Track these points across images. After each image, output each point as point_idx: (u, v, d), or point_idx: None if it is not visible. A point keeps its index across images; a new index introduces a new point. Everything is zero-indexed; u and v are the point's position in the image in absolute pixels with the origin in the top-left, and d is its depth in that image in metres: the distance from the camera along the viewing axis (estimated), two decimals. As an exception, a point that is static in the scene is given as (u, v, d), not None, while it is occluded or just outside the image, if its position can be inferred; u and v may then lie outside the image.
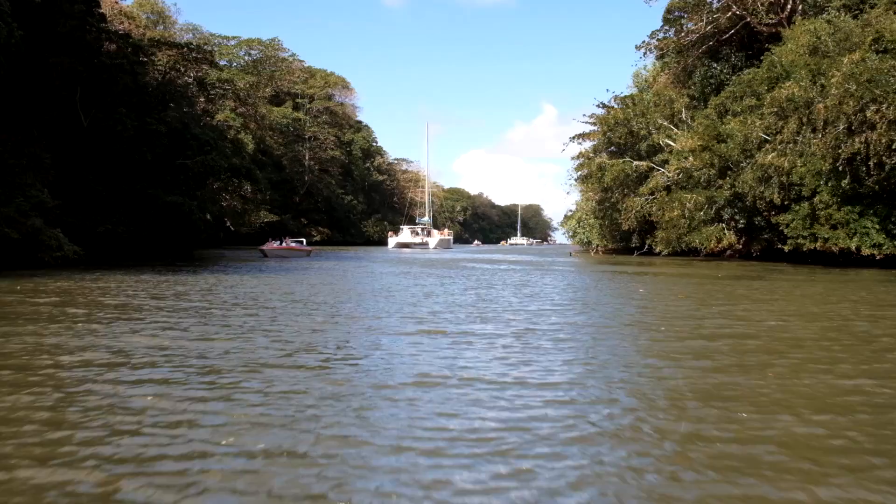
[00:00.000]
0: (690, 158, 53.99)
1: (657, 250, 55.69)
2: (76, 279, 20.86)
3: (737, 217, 49.95)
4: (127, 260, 35.25)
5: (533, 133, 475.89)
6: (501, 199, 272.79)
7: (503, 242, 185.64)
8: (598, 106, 67.15)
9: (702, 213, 51.33)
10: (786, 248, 44.23)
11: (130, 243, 38.99)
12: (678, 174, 56.43)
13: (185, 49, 51.54)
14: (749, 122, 46.35)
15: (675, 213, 51.67)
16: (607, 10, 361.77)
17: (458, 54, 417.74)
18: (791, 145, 43.41)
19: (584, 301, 16.40)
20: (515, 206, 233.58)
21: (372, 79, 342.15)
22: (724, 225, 50.81)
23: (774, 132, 45.11)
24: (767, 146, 45.22)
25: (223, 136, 52.60)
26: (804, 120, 43.17)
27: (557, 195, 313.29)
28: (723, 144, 49.67)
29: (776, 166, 43.44)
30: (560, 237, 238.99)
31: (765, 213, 47.02)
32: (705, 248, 51.32)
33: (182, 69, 51.83)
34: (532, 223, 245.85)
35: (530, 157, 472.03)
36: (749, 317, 13.12)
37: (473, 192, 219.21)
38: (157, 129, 38.63)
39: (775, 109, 44.66)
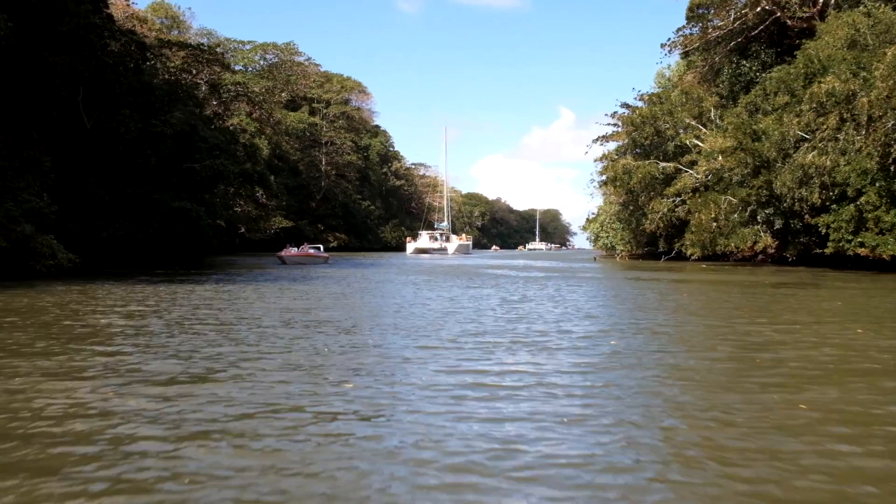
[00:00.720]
0: (720, 158, 51.05)
1: (689, 254, 52.47)
2: (54, 292, 18.31)
3: (772, 219, 46.77)
4: (129, 268, 32.80)
5: (550, 137, 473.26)
6: (519, 203, 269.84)
7: (520, 247, 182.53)
8: (621, 106, 64.31)
9: (736, 214, 48.23)
10: (827, 252, 41.13)
11: (135, 250, 36.67)
12: (707, 175, 53.41)
13: (197, 50, 49.24)
14: (787, 119, 43.26)
15: (709, 216, 48.55)
16: (625, 13, 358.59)
17: (474, 59, 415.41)
18: (832, 143, 40.42)
19: (639, 321, 13.55)
20: (534, 210, 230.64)
21: (388, 84, 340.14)
22: (759, 227, 47.64)
23: (813, 129, 42.13)
24: (806, 145, 42.22)
25: (235, 140, 50.18)
26: (846, 115, 40.21)
27: (575, 200, 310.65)
28: (757, 143, 46.57)
29: (817, 165, 40.44)
30: (579, 242, 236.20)
31: (804, 216, 43.90)
32: (740, 251, 48.13)
33: (194, 71, 49.59)
34: (550, 228, 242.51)
35: (548, 161, 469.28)
36: (877, 343, 10.29)
37: (491, 197, 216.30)
38: (162, 131, 36.24)
39: (814, 105, 41.65)
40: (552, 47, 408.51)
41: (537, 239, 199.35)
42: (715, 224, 50.03)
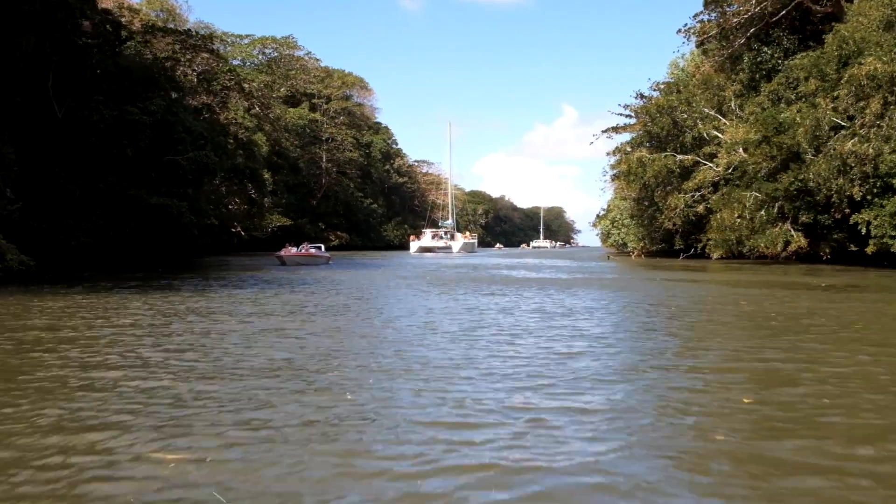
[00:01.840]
0: (740, 151, 46.98)
1: (713, 255, 48.20)
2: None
3: (802, 215, 42.57)
4: (98, 271, 28.72)
5: (553, 135, 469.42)
6: (523, 201, 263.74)
7: (523, 245, 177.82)
8: (636, 97, 60.07)
9: (763, 211, 43.92)
10: (869, 251, 37.03)
11: (109, 251, 32.66)
12: (728, 169, 49.12)
13: (184, 35, 45.17)
14: (823, 103, 39.13)
15: (734, 213, 44.24)
16: (628, 10, 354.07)
17: (477, 56, 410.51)
18: (875, 129, 36.36)
19: (754, 353, 9.45)
20: (538, 208, 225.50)
21: (390, 82, 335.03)
22: (789, 225, 43.33)
23: (851, 116, 38.15)
24: (843, 132, 38.17)
25: (224, 132, 46.04)
26: (890, 99, 36.17)
27: (579, 197, 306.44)
28: (783, 135, 42.44)
29: (857, 154, 36.40)
30: (583, 239, 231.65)
31: (841, 209, 39.79)
32: (770, 251, 43.87)
33: (181, 59, 45.50)
34: (555, 225, 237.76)
35: (551, 159, 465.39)
36: None
37: (495, 194, 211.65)
38: (139, 119, 32.17)
39: (853, 89, 37.57)
40: (555, 44, 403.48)
41: (541, 237, 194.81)
42: (739, 220, 45.79)
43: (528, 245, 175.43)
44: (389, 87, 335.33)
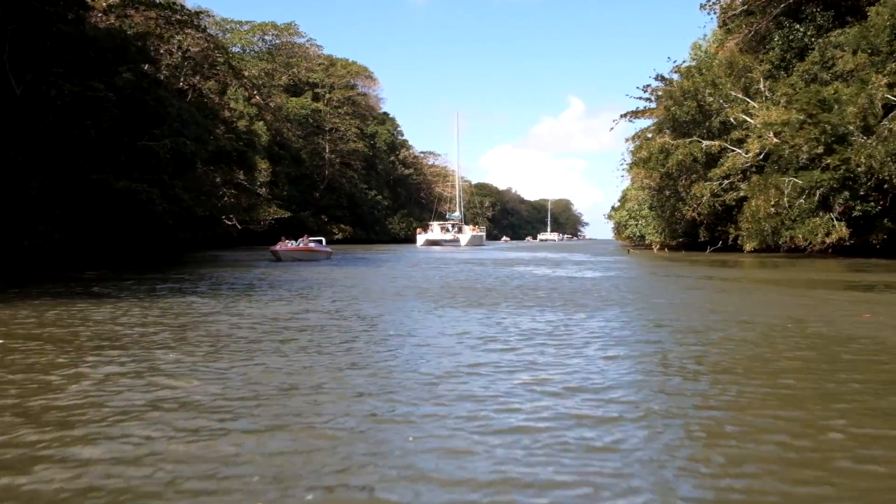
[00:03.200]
0: (772, 136, 42.14)
1: (746, 247, 43.33)
2: None
3: (852, 203, 37.78)
4: (55, 270, 24.16)
5: (560, 128, 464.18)
6: (530, 194, 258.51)
7: (529, 238, 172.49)
8: (655, 78, 55.19)
9: (802, 199, 39.00)
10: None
11: (75, 245, 28.09)
12: (759, 155, 44.17)
13: (168, 10, 40.47)
14: (876, 80, 34.30)
15: (770, 201, 39.33)
16: (636, 1, 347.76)
17: (483, 49, 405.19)
18: (941, 107, 31.65)
19: None
20: (545, 201, 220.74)
21: (395, 75, 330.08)
22: (832, 214, 38.46)
23: (910, 91, 33.47)
24: (900, 110, 33.47)
25: (214, 115, 41.37)
26: (957, 72, 31.49)
27: (586, 190, 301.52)
28: (827, 114, 37.56)
29: (921, 135, 31.65)
30: (591, 232, 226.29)
31: (881, 198, 35.07)
32: (809, 242, 39.03)
33: (164, 34, 40.86)
34: (562, 218, 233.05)
35: (557, 151, 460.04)
36: None
37: (501, 187, 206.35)
38: (104, 95, 27.52)
39: (914, 60, 32.85)
40: (561, 36, 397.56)
41: (549, 229, 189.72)
42: (774, 210, 40.84)
43: (536, 238, 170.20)
44: (395, 80, 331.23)
